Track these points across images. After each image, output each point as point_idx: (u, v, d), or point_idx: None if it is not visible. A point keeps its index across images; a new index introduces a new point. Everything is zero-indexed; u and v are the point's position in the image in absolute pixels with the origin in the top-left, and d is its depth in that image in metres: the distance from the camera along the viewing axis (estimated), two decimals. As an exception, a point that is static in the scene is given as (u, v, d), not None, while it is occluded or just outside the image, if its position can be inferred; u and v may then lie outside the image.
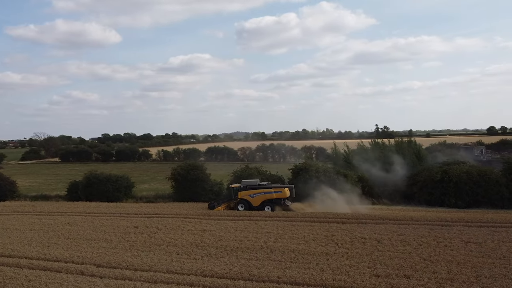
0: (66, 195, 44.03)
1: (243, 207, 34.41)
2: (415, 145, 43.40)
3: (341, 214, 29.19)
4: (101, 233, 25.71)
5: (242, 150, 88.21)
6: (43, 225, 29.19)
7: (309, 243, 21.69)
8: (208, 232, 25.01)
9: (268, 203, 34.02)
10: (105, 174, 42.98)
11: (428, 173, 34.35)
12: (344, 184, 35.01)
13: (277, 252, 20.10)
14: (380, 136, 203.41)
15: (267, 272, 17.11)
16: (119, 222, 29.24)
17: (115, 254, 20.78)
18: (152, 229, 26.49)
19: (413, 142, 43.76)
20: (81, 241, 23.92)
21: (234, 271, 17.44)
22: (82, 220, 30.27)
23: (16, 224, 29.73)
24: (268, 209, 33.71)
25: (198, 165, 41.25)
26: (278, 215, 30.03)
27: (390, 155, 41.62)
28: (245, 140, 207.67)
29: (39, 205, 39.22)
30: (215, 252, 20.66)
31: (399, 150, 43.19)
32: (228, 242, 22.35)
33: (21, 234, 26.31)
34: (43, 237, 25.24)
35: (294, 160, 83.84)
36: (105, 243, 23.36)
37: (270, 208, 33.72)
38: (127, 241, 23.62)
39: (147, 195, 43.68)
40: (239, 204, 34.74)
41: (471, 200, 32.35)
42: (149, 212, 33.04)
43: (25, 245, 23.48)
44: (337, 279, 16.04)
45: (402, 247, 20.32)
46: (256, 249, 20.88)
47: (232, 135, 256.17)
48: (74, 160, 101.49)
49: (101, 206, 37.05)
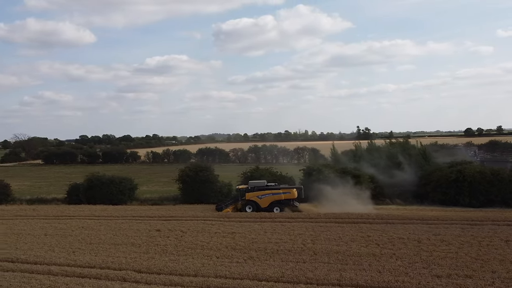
0: (66, 198, 42.26)
1: (251, 209, 33.86)
2: (421, 145, 43.80)
3: (364, 214, 28.97)
4: (124, 237, 24.61)
5: (234, 151, 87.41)
6: (55, 229, 27.76)
7: (348, 244, 21.31)
8: (238, 234, 24.29)
9: (276, 204, 33.61)
10: (108, 176, 41.53)
11: (441, 172, 34.62)
12: (357, 185, 34.92)
13: (322, 254, 19.62)
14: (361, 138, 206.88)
15: (323, 275, 16.61)
16: (137, 225, 28.12)
17: (151, 259, 19.83)
18: (176, 232, 25.56)
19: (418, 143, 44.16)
20: (106, 246, 22.79)
21: (288, 274, 16.87)
22: (96, 224, 28.98)
23: (26, 229, 28.18)
24: (277, 210, 33.29)
25: (206, 166, 40.38)
26: (299, 216, 29.57)
27: (397, 156, 41.82)
28: (227, 142, 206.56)
29: (40, 209, 37.45)
30: (256, 255, 20.00)
31: (405, 150, 43.47)
32: (265, 245, 21.72)
33: (37, 240, 24.91)
34: (63, 242, 23.94)
35: (287, 161, 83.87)
36: (134, 247, 22.33)
37: (279, 209, 33.31)
38: (156, 245, 22.65)
39: (151, 197, 42.44)
40: (246, 205, 34.14)
41: (485, 199, 32.75)
42: (164, 214, 32.01)
43: (48, 251, 22.20)
44: (399, 280, 15.71)
45: (445, 247, 20.19)
46: (298, 251, 20.35)
47: (214, 136, 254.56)
48: (58, 162, 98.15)
49: (108, 209, 35.68)
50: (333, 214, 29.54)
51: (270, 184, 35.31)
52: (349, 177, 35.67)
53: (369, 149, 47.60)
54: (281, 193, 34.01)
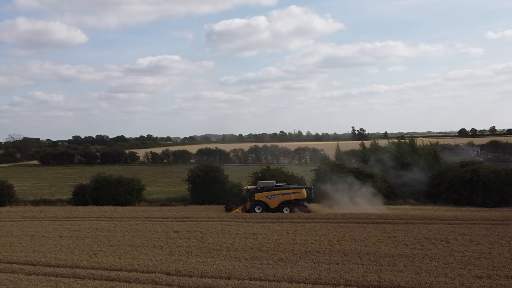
0: (72, 199, 41.48)
1: (260, 209, 33.51)
2: (431, 145, 43.78)
3: (383, 215, 28.75)
4: (143, 239, 24.06)
5: (234, 152, 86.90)
6: (69, 231, 27.11)
7: (377, 245, 21.01)
8: (260, 235, 23.88)
9: (286, 204, 33.27)
10: (116, 176, 40.87)
11: (454, 172, 34.54)
12: (370, 185, 34.69)
13: (353, 255, 19.30)
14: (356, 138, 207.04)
15: (361, 276, 16.29)
16: (153, 226, 27.56)
17: (178, 261, 19.35)
18: (196, 233, 25.07)
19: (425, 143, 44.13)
20: (127, 248, 22.24)
21: (324, 276, 16.52)
22: (111, 225, 28.36)
23: (39, 230, 27.50)
24: (286, 211, 33.00)
25: (216, 167, 39.88)
26: (317, 216, 29.22)
27: (406, 156, 41.76)
28: (222, 142, 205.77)
29: (47, 210, 36.64)
30: (285, 256, 19.62)
31: (413, 150, 43.43)
32: (291, 246, 21.34)
33: (53, 242, 24.26)
34: (81, 244, 23.34)
35: (287, 161, 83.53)
36: (156, 249, 21.81)
37: (288, 210, 33.02)
38: (178, 246, 22.16)
39: (158, 198, 41.82)
40: (256, 206, 33.76)
41: (499, 199, 32.70)
42: (177, 215, 31.46)
43: (67, 253, 21.60)
44: (441, 281, 15.44)
45: (475, 247, 19.99)
46: (327, 252, 20.01)
47: (209, 137, 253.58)
48: (55, 162, 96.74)
49: (118, 210, 35.03)
50: (351, 214, 29.24)
51: (279, 184, 34.97)
52: (363, 177, 35.47)
53: (375, 149, 47.46)
54: (290, 193, 33.73)
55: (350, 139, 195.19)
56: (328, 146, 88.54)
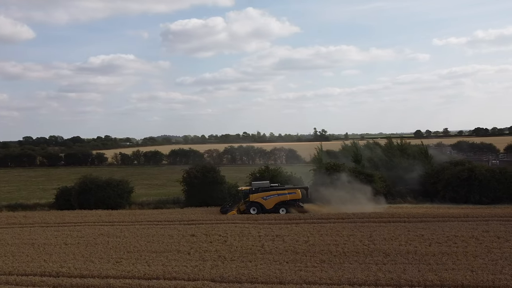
0: (55, 203, 38.61)
1: (256, 211, 32.81)
2: (423, 145, 44.98)
3: (394, 214, 28.91)
4: (162, 244, 22.57)
5: (209, 153, 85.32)
6: (72, 238, 24.99)
7: (410, 243, 20.89)
8: (285, 237, 23.12)
9: (282, 205, 32.83)
10: (104, 178, 38.55)
11: (451, 171, 35.53)
12: (370, 184, 34.92)
13: (395, 255, 19.06)
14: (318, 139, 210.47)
15: (420, 276, 16.02)
16: (164, 230, 26.00)
17: (216, 267, 18.22)
18: (215, 236, 23.89)
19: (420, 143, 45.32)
20: (151, 254, 20.74)
21: (382, 277, 16.10)
22: (116, 230, 26.47)
23: (37, 238, 25.15)
24: (283, 212, 32.53)
25: (213, 167, 38.62)
26: (331, 216, 28.78)
27: (398, 155, 42.60)
28: (184, 143, 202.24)
29: (31, 215, 33.74)
30: (326, 258, 19.02)
31: (403, 150, 44.43)
32: (325, 247, 20.75)
33: (61, 250, 22.23)
34: (96, 252, 21.51)
35: (263, 162, 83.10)
36: (183, 254, 20.49)
37: (285, 210, 32.57)
38: (206, 251, 20.95)
39: (147, 200, 39.89)
40: (251, 207, 33.02)
41: (493, 196, 33.99)
42: (182, 218, 29.96)
43: (86, 261, 19.79)
44: (501, 278, 15.49)
45: (507, 243, 20.40)
46: (366, 252, 19.64)
47: (169, 138, 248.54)
48: (13, 165, 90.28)
49: (113, 214, 32.92)
50: (363, 214, 29.13)
51: (274, 185, 34.41)
52: (363, 176, 35.66)
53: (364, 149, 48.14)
54: (286, 193, 33.26)
55: (312, 140, 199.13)
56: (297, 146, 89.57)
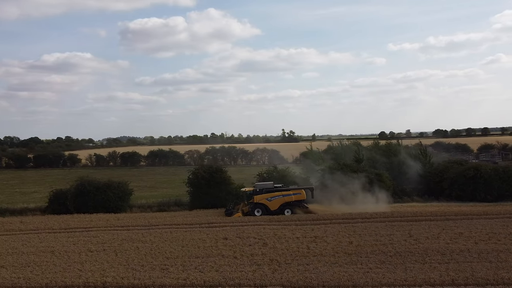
0: (48, 207, 35.97)
1: (260, 212, 32.20)
2: (421, 145, 45.92)
3: (417, 212, 29.13)
4: (198, 249, 21.33)
5: (189, 154, 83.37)
6: (93, 244, 23.19)
7: (456, 241, 20.90)
8: (326, 238, 22.52)
9: (287, 206, 32.40)
10: (103, 180, 36.42)
11: (456, 170, 36.41)
12: (379, 184, 35.14)
13: (452, 253, 18.96)
14: (286, 140, 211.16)
15: (492, 274, 15.94)
16: (191, 234, 24.67)
17: (275, 271, 17.34)
18: (249, 239, 22.90)
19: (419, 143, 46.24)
20: (194, 260, 19.51)
21: (453, 276, 15.90)
22: (138, 235, 24.82)
23: (53, 245, 23.12)
24: (288, 213, 32.14)
25: (220, 168, 37.43)
26: (354, 216, 28.40)
27: (399, 155, 43.26)
28: (150, 145, 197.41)
29: (28, 221, 31.22)
30: (385, 259, 18.59)
31: (402, 150, 45.25)
32: (374, 247, 20.35)
33: (88, 258, 20.48)
34: (132, 258, 19.96)
35: (245, 162, 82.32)
36: (230, 259, 19.40)
37: (290, 212, 32.17)
38: (251, 254, 19.95)
39: (147, 203, 38.06)
40: (255, 209, 32.35)
41: (497, 194, 35.16)
42: (201, 221, 28.62)
43: (128, 269, 18.30)
44: None
45: (547, 239, 20.92)
46: (419, 252, 19.42)
47: (135, 139, 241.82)
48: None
49: (122, 218, 31.05)
50: (384, 213, 29.17)
51: (277, 185, 33.85)
52: (372, 176, 35.79)
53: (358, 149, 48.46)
54: (291, 194, 32.80)
55: (280, 141, 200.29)
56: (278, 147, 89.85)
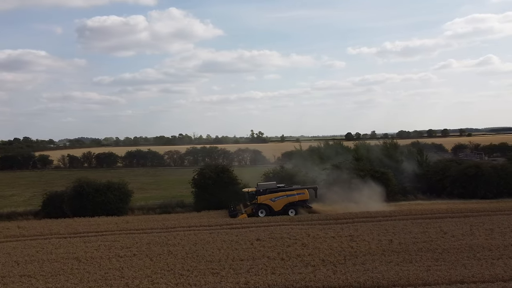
0: (41, 211, 33.47)
1: (264, 213, 31.70)
2: (419, 144, 46.89)
3: (433, 209, 29.51)
4: (237, 251, 20.44)
5: (169, 154, 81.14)
6: (116, 249, 21.70)
7: (491, 237, 21.27)
8: (363, 237, 22.25)
9: (291, 206, 32.08)
10: (104, 181, 34.31)
11: (457, 169, 37.34)
12: (384, 183, 35.40)
13: (497, 249, 19.31)
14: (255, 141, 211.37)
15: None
16: (219, 236, 23.62)
17: (337, 272, 16.87)
18: (286, 240, 22.20)
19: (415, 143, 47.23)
20: (241, 262, 18.68)
21: None
22: (163, 239, 23.43)
23: (74, 251, 21.45)
24: (292, 213, 31.80)
25: (227, 168, 36.31)
26: (371, 215, 28.34)
27: (395, 155, 43.99)
28: (115, 146, 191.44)
29: (27, 226, 28.93)
30: (437, 256, 18.68)
31: (396, 149, 46.10)
32: (418, 245, 20.32)
33: (120, 264, 19.13)
34: (173, 263, 18.78)
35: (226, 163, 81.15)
36: (278, 261, 18.72)
37: (294, 212, 31.87)
38: (298, 255, 19.36)
39: (148, 205, 36.31)
40: (259, 209, 31.83)
41: (496, 191, 36.38)
42: (219, 222, 27.74)
43: (176, 275, 17.21)
44: None
45: None
46: (466, 248, 19.65)
47: (98, 140, 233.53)
48: None
49: (131, 221, 29.42)
50: (401, 211, 29.34)
51: (280, 185, 33.43)
52: (378, 175, 35.95)
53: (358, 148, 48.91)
54: (295, 194, 32.44)
55: (249, 142, 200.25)
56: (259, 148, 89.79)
